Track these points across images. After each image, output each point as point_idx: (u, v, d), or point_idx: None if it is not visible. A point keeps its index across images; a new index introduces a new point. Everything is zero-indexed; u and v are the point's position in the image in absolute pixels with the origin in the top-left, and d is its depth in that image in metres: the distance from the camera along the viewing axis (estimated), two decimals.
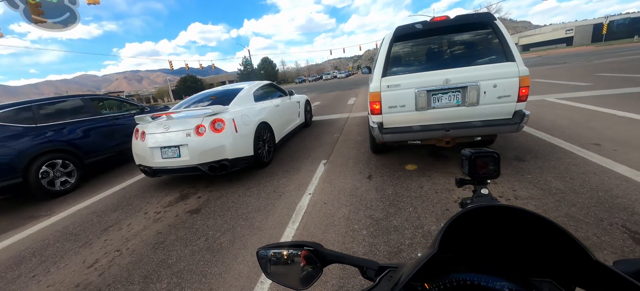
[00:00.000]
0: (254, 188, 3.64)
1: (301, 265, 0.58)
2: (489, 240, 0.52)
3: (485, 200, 0.75)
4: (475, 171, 0.75)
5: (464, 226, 0.51)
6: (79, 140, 4.88)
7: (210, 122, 3.65)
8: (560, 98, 6.70)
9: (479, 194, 0.77)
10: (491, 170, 0.74)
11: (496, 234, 0.52)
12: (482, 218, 0.51)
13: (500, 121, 2.97)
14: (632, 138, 3.61)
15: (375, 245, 2.19)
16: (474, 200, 0.77)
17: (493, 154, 0.74)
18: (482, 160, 0.74)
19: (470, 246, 0.52)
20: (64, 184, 4.56)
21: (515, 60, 2.86)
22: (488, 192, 0.76)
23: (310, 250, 0.58)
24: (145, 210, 3.47)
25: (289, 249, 0.59)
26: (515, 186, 2.80)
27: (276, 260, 0.60)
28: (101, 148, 5.27)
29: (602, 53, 23.14)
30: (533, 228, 0.48)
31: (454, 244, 0.51)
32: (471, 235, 0.52)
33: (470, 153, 0.75)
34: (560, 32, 60.87)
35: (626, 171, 2.80)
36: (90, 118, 5.25)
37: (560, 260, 0.45)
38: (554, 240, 0.45)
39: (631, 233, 1.96)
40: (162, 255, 2.46)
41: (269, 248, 0.60)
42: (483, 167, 0.75)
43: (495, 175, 0.75)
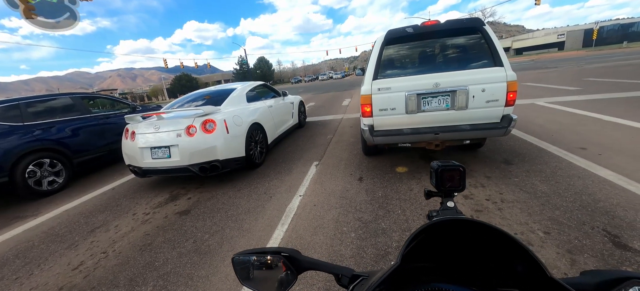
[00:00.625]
0: (244, 190, 3.63)
1: (277, 272, 0.58)
2: (457, 251, 0.54)
3: (451, 212, 0.76)
4: (442, 184, 0.76)
5: (432, 237, 0.52)
6: (67, 139, 4.81)
7: (201, 122, 3.62)
8: (549, 102, 6.82)
9: (445, 207, 0.78)
10: (457, 182, 0.75)
11: (463, 246, 0.53)
12: (448, 230, 0.53)
13: (488, 125, 3.02)
14: (616, 143, 3.69)
15: (363, 248, 2.20)
16: (440, 212, 0.78)
17: (459, 168, 0.75)
18: (449, 173, 0.75)
19: (440, 257, 0.54)
20: (52, 184, 4.48)
21: (503, 65, 2.90)
22: (454, 205, 0.77)
23: (286, 256, 0.58)
24: (134, 211, 3.43)
25: (265, 255, 0.59)
26: (502, 189, 2.84)
27: (253, 267, 0.60)
28: (91, 148, 5.19)
29: (592, 58, 23.62)
30: (496, 241, 0.49)
31: (423, 255, 0.52)
32: (439, 246, 0.53)
33: (437, 166, 0.76)
34: (552, 37, 61.92)
35: (609, 175, 2.86)
36: (80, 117, 5.17)
37: (523, 272, 0.46)
38: (515, 254, 0.46)
39: (611, 237, 2.01)
40: (148, 257, 2.44)
41: (245, 254, 0.60)
42: (449, 179, 0.75)
43: (461, 189, 0.76)
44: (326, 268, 0.59)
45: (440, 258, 0.53)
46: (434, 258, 0.53)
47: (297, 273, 0.58)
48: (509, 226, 2.25)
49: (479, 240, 0.51)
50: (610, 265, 1.76)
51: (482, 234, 0.51)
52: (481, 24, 3.07)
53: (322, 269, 0.59)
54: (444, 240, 0.53)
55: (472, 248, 0.52)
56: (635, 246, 1.89)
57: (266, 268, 0.59)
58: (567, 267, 1.78)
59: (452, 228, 0.53)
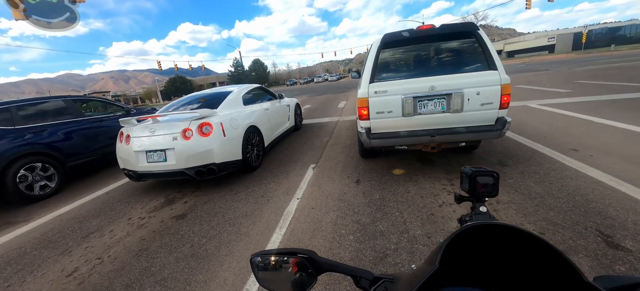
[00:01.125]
0: (242, 193, 3.61)
1: (294, 273, 0.58)
2: (487, 256, 0.53)
3: (483, 217, 0.76)
4: (474, 189, 0.76)
5: (462, 242, 0.52)
6: (60, 143, 4.73)
7: (197, 125, 3.60)
8: (541, 104, 6.95)
9: (477, 211, 0.78)
10: (490, 188, 0.76)
11: (494, 251, 0.53)
12: (480, 235, 0.53)
13: (483, 127, 3.06)
14: (606, 144, 3.78)
15: (361, 251, 2.21)
16: (472, 217, 0.78)
17: (493, 173, 0.75)
18: (482, 178, 0.75)
19: (468, 262, 0.54)
20: (44, 188, 4.39)
21: (497, 69, 2.95)
22: (486, 210, 0.78)
23: (304, 257, 0.58)
24: (129, 216, 3.39)
25: (283, 256, 0.59)
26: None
27: (268, 267, 0.60)
28: (84, 151, 5.11)
29: (582, 61, 24.14)
30: (528, 246, 0.49)
31: (450, 259, 0.53)
32: (468, 251, 0.53)
33: (471, 172, 0.76)
34: (543, 40, 63.17)
35: (600, 176, 2.92)
36: (72, 120, 5.10)
37: (554, 279, 0.46)
38: (548, 259, 0.46)
39: (604, 236, 2.05)
40: (145, 262, 2.41)
41: (262, 254, 0.61)
42: (483, 185, 0.76)
43: (494, 194, 0.76)
44: (345, 270, 0.59)
45: (473, 263, 0.53)
46: (466, 262, 0.53)
47: (316, 274, 0.58)
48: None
49: (515, 246, 0.51)
50: (603, 264, 1.80)
51: (517, 239, 0.50)
52: (475, 28, 3.12)
53: (341, 271, 0.59)
54: (474, 245, 0.53)
55: (501, 254, 0.52)
56: (627, 245, 1.94)
57: (284, 269, 0.59)
58: None
59: (487, 232, 0.53)
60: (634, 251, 1.88)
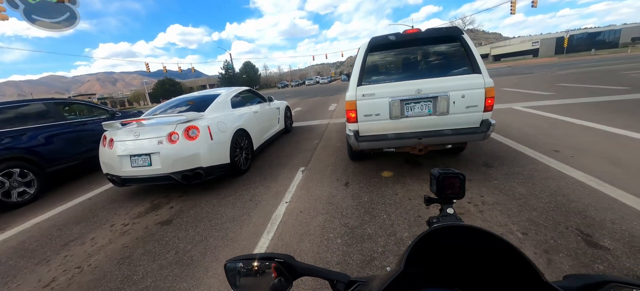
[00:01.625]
0: (229, 197, 3.56)
1: (271, 278, 0.57)
2: (454, 256, 0.55)
3: (450, 219, 0.77)
4: (442, 191, 0.77)
5: (431, 243, 0.53)
6: (40, 147, 4.56)
7: (183, 129, 3.54)
8: (526, 106, 7.14)
9: (444, 213, 0.79)
10: (457, 190, 0.77)
11: (460, 251, 0.54)
12: (447, 236, 0.54)
13: (468, 130, 3.11)
14: (586, 145, 3.91)
15: (349, 254, 2.20)
16: (440, 218, 0.79)
17: (459, 176, 0.76)
18: (449, 180, 0.76)
19: (437, 262, 0.54)
20: (22, 195, 4.22)
21: (481, 72, 3.02)
22: (453, 212, 0.79)
23: (280, 262, 0.57)
24: (111, 222, 3.29)
25: (259, 261, 0.58)
26: (483, 192, 2.93)
27: (245, 273, 0.58)
28: (66, 156, 4.95)
29: (564, 64, 24.99)
30: (492, 246, 0.50)
31: (421, 260, 0.53)
32: (437, 251, 0.54)
33: (438, 173, 0.77)
34: (527, 44, 65.12)
35: (580, 176, 3.02)
36: (53, 124, 4.93)
37: (515, 277, 0.48)
38: (511, 259, 0.48)
39: (584, 235, 2.11)
40: (127, 270, 2.33)
41: (237, 260, 0.59)
42: (449, 187, 0.77)
43: (461, 196, 0.77)
44: (321, 273, 0.58)
45: (440, 263, 0.54)
46: (434, 262, 0.54)
47: (292, 279, 0.57)
48: (489, 229, 2.31)
49: (479, 246, 0.52)
50: (583, 263, 1.85)
51: (481, 240, 0.52)
52: (460, 32, 3.19)
53: (317, 275, 0.58)
54: (440, 246, 0.54)
55: (468, 254, 0.53)
56: (606, 244, 1.99)
57: (260, 275, 0.58)
58: (544, 267, 1.85)
59: (452, 234, 0.54)
60: (612, 249, 1.94)
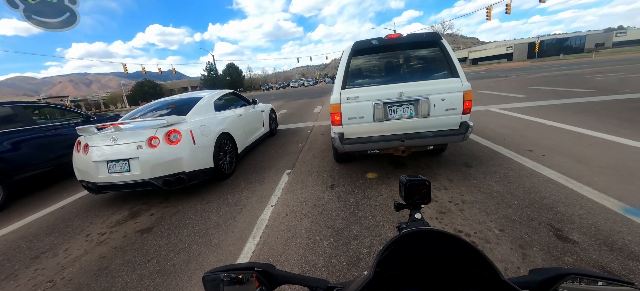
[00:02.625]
0: (213, 202, 3.48)
1: (251, 288, 0.57)
2: (424, 258, 0.57)
3: (418, 224, 0.80)
4: (410, 197, 0.80)
5: (402, 247, 0.55)
6: (6, 154, 4.27)
7: (164, 133, 3.43)
8: (501, 108, 7.48)
9: (413, 219, 0.82)
10: (423, 196, 0.80)
11: (429, 253, 0.57)
12: (416, 241, 0.56)
13: (448, 131, 3.23)
14: (556, 145, 4.15)
15: (335, 256, 2.22)
16: (408, 224, 0.82)
17: (425, 182, 0.79)
18: (416, 187, 0.79)
19: (409, 265, 0.57)
20: None
21: (459, 76, 3.14)
22: (421, 217, 0.82)
23: (259, 271, 0.58)
24: (87, 232, 3.13)
25: (239, 271, 0.58)
26: (463, 191, 3.05)
27: (225, 284, 0.58)
28: (35, 163, 4.65)
29: (535, 68, 26.43)
30: (457, 248, 0.53)
31: (394, 263, 0.55)
32: (409, 254, 0.57)
33: (406, 181, 0.80)
34: (502, 49, 68.36)
35: (551, 174, 3.20)
36: (21, 129, 4.63)
37: (480, 276, 0.51)
38: (473, 259, 0.51)
39: (555, 230, 2.24)
40: (105, 282, 2.23)
41: (217, 271, 0.58)
42: (417, 193, 0.80)
43: (427, 201, 0.80)
44: (300, 281, 0.59)
45: (410, 266, 0.57)
46: (403, 266, 0.57)
47: (272, 288, 0.58)
48: (469, 226, 2.42)
49: (444, 248, 0.55)
50: (554, 256, 1.96)
51: (445, 243, 0.55)
52: (439, 38, 3.30)
53: (296, 282, 0.59)
54: (413, 250, 0.57)
55: (438, 256, 0.56)
56: (574, 238, 2.13)
57: (239, 285, 0.58)
58: (519, 261, 1.95)
59: (419, 238, 0.56)
60: (580, 242, 2.07)
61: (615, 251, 1.94)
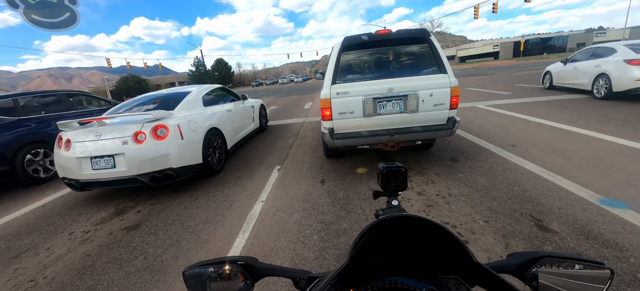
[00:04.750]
0: (202, 198, 3.44)
1: (235, 282, 0.57)
2: (405, 244, 0.58)
3: (395, 210, 0.82)
4: (386, 184, 0.82)
5: (382, 234, 0.56)
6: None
7: (151, 128, 3.36)
8: (487, 105, 7.67)
9: (390, 205, 0.83)
10: (400, 182, 0.81)
11: (409, 239, 0.58)
12: (394, 227, 0.57)
13: (436, 126, 3.29)
14: (538, 140, 4.30)
15: (325, 249, 2.24)
16: (385, 211, 0.83)
17: (401, 168, 0.81)
18: (392, 173, 0.81)
19: (391, 251, 0.58)
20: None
21: (447, 72, 3.20)
22: (398, 203, 0.83)
23: (242, 264, 0.57)
24: (70, 230, 3.04)
25: (220, 266, 0.57)
26: (450, 185, 3.12)
27: (207, 279, 0.57)
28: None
29: (521, 66, 27.16)
30: (434, 233, 0.54)
31: (378, 251, 0.56)
32: (390, 241, 0.57)
33: (382, 168, 0.81)
34: (489, 47, 69.83)
35: (534, 168, 3.32)
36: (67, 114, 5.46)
37: (459, 260, 0.52)
38: (449, 243, 0.52)
39: (536, 221, 2.33)
40: (89, 280, 2.18)
41: (197, 266, 0.57)
42: (393, 179, 0.81)
43: (404, 188, 0.82)
44: (283, 273, 0.59)
45: (393, 253, 0.58)
46: (387, 253, 0.57)
47: (254, 280, 0.58)
48: (456, 218, 2.48)
49: (422, 234, 0.57)
50: (535, 245, 2.05)
51: (422, 228, 0.56)
52: (427, 34, 3.35)
53: (279, 274, 0.59)
54: (393, 236, 0.58)
55: (418, 241, 0.58)
56: (553, 227, 2.22)
57: (222, 279, 0.57)
58: (502, 250, 2.03)
59: (397, 224, 0.57)
60: (559, 232, 2.17)
61: (591, 240, 2.04)
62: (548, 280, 0.51)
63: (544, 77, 9.77)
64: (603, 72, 6.87)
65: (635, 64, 6.18)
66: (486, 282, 0.49)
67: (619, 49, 6.86)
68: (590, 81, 7.31)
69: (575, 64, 8.11)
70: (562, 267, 0.51)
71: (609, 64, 6.79)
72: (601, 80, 6.96)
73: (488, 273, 0.47)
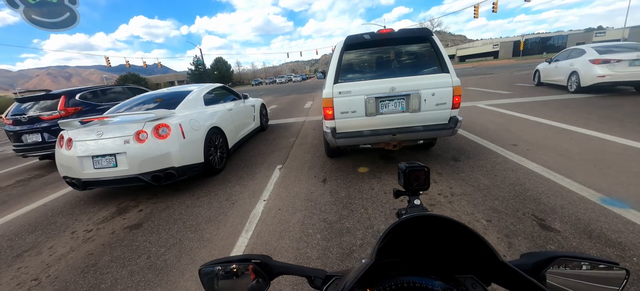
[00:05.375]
0: (204, 198, 3.44)
1: (249, 279, 0.57)
2: (421, 244, 0.58)
3: (417, 209, 0.82)
4: (409, 183, 0.82)
5: (400, 233, 0.55)
6: None
7: (152, 127, 3.35)
8: (488, 104, 7.68)
9: (412, 204, 0.83)
10: (422, 182, 0.81)
11: (427, 238, 0.58)
12: (415, 226, 0.57)
13: (438, 126, 3.30)
14: (539, 139, 4.31)
15: (329, 248, 2.24)
16: (408, 210, 0.83)
17: (424, 168, 0.81)
18: (415, 173, 0.81)
19: (407, 250, 0.58)
20: None
21: (449, 72, 3.20)
22: (420, 202, 0.83)
23: (257, 263, 0.57)
24: (72, 229, 3.04)
25: (235, 264, 0.57)
26: (452, 184, 3.13)
27: (222, 276, 0.57)
28: None
29: (520, 66, 27.17)
30: (455, 232, 0.54)
31: (392, 250, 0.56)
32: (407, 240, 0.57)
33: (405, 167, 0.81)
34: (488, 47, 69.86)
35: (535, 167, 3.33)
36: None
37: (477, 259, 0.52)
38: (471, 243, 0.52)
39: (538, 220, 2.34)
40: (93, 279, 2.18)
41: (213, 264, 0.58)
42: (416, 179, 0.81)
43: (426, 187, 0.82)
44: (299, 271, 0.59)
45: (407, 253, 0.58)
46: (401, 252, 0.57)
47: (270, 279, 0.57)
48: (458, 217, 2.49)
49: (443, 233, 0.57)
50: (538, 244, 2.06)
51: (445, 228, 0.56)
52: (430, 33, 3.35)
53: (294, 273, 0.59)
54: (411, 235, 0.58)
55: (433, 240, 0.58)
56: (556, 227, 2.23)
57: (237, 277, 0.57)
58: (505, 249, 2.03)
59: (419, 224, 0.57)
60: (562, 231, 2.17)
61: (593, 239, 2.05)
62: (559, 281, 0.51)
63: (535, 74, 10.71)
64: (574, 70, 7.97)
65: (597, 63, 7.30)
66: (506, 280, 0.49)
67: (587, 50, 7.94)
68: (566, 78, 8.37)
69: (557, 63, 9.12)
70: (575, 268, 0.51)
71: (578, 63, 7.89)
72: (573, 77, 8.06)
73: (511, 272, 0.47)
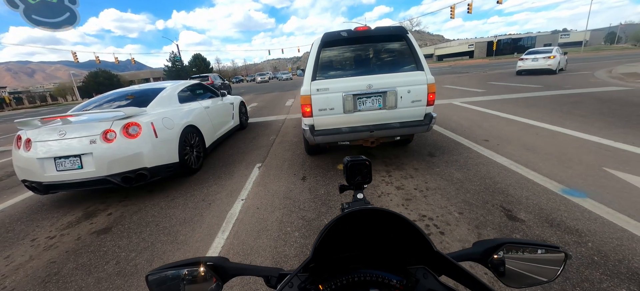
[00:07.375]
0: (179, 199, 3.32)
1: (204, 284, 0.54)
2: (376, 237, 0.58)
3: (360, 203, 0.82)
4: (352, 177, 0.81)
5: (348, 228, 0.55)
6: None
7: (121, 126, 3.18)
8: (463, 102, 7.98)
9: (355, 199, 0.83)
10: (364, 175, 0.81)
11: (377, 231, 0.58)
12: (360, 219, 0.56)
13: (414, 122, 3.38)
14: (509, 135, 4.54)
15: (307, 246, 2.24)
16: (351, 204, 0.82)
17: (365, 162, 0.81)
18: (357, 167, 0.81)
19: (360, 244, 0.58)
20: None
21: (424, 70, 3.29)
22: (363, 196, 0.83)
23: (210, 265, 0.55)
24: (33, 237, 2.82)
25: (187, 268, 0.54)
26: (427, 179, 3.22)
27: (174, 282, 0.54)
28: None
29: (493, 65, 28.54)
30: (396, 224, 0.54)
31: (346, 244, 0.56)
32: (358, 234, 0.57)
33: (347, 161, 0.81)
34: (464, 46, 72.73)
35: (504, 161, 3.50)
36: None
37: (422, 250, 0.53)
38: (413, 234, 0.52)
39: (506, 211, 2.46)
40: (54, 289, 2.04)
41: (162, 269, 0.54)
42: (358, 173, 0.81)
43: (368, 181, 0.81)
44: (254, 271, 0.58)
45: (364, 246, 0.58)
46: (358, 247, 0.57)
47: (223, 281, 0.56)
48: (432, 211, 2.57)
49: (388, 226, 0.57)
50: (504, 233, 2.16)
51: (386, 220, 0.56)
52: (405, 32, 3.42)
53: (249, 273, 0.58)
54: (362, 229, 0.58)
55: (387, 234, 0.58)
56: (521, 217, 2.36)
57: (189, 283, 0.54)
58: (475, 240, 2.10)
59: (362, 217, 0.57)
60: (526, 220, 2.30)
61: (554, 227, 2.19)
62: (507, 264, 0.54)
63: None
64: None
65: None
66: (450, 271, 0.51)
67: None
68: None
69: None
70: (521, 252, 0.54)
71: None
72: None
73: (449, 261, 0.49)
